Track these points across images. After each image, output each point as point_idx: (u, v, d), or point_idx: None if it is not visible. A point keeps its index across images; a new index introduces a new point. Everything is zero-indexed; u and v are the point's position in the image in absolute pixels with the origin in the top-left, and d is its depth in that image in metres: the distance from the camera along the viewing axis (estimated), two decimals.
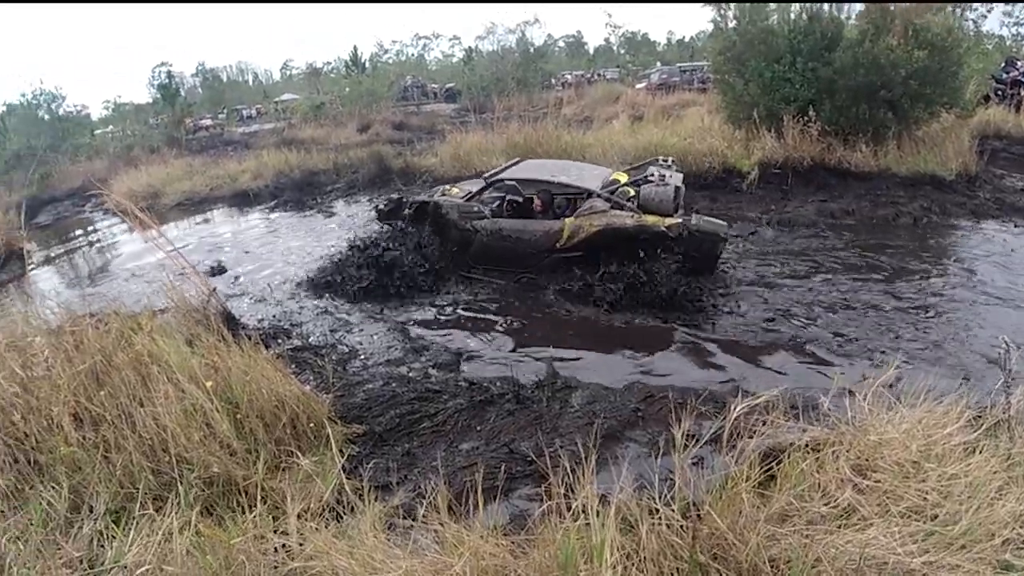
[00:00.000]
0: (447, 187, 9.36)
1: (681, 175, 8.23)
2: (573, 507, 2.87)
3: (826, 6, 12.04)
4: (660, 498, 2.97)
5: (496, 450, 4.24)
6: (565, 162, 10.44)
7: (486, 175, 8.81)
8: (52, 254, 14.16)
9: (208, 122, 43.45)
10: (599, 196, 7.65)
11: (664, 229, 7.16)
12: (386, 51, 67.45)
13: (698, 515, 2.94)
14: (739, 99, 12.04)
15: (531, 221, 8.00)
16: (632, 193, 7.62)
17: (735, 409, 3.15)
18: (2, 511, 3.59)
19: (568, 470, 3.03)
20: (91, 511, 3.50)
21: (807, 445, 3.42)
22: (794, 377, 5.08)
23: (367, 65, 47.69)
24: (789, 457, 3.30)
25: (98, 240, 14.99)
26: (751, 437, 3.43)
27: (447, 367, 5.69)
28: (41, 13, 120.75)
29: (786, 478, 3.17)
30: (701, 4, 13.42)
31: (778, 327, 6.13)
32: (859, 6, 12.40)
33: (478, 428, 4.54)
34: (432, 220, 8.30)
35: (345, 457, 4.10)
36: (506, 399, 4.81)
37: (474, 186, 8.74)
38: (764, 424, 3.57)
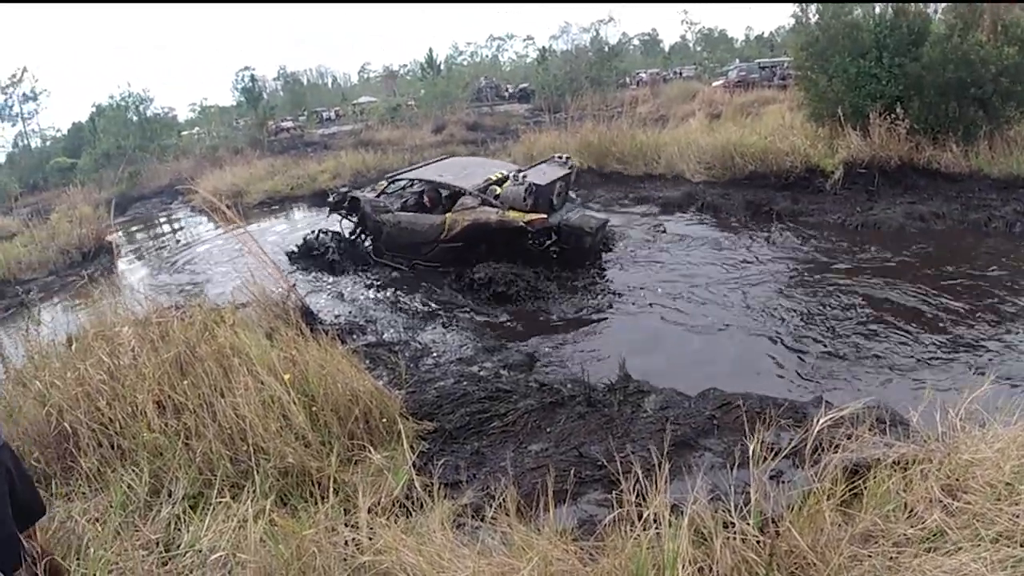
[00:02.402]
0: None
1: (568, 171, 9.25)
2: (644, 515, 2.80)
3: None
4: (736, 511, 2.87)
5: (565, 453, 4.18)
6: (481, 159, 11.99)
7: (388, 174, 10.54)
8: (139, 248, 14.81)
9: (289, 124, 44.68)
10: (470, 194, 8.58)
11: (523, 224, 8.05)
12: (461, 53, 68.26)
13: (776, 531, 2.83)
14: (822, 96, 11.58)
15: (423, 215, 9.00)
16: (498, 191, 8.53)
17: (818, 421, 3.03)
18: (84, 492, 3.76)
19: (640, 477, 2.97)
20: (170, 496, 3.63)
21: (894, 462, 3.25)
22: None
23: (442, 67, 48.27)
24: (875, 474, 3.13)
25: (183, 235, 15.61)
26: (834, 451, 3.28)
27: (519, 367, 5.66)
28: (128, 16, 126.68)
29: (871, 496, 3.02)
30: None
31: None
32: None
33: (548, 430, 4.49)
34: (357, 212, 9.69)
35: (416, 453, 4.13)
36: (577, 401, 4.74)
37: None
38: (849, 438, 3.41)
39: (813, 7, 12.36)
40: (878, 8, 11.54)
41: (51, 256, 14.18)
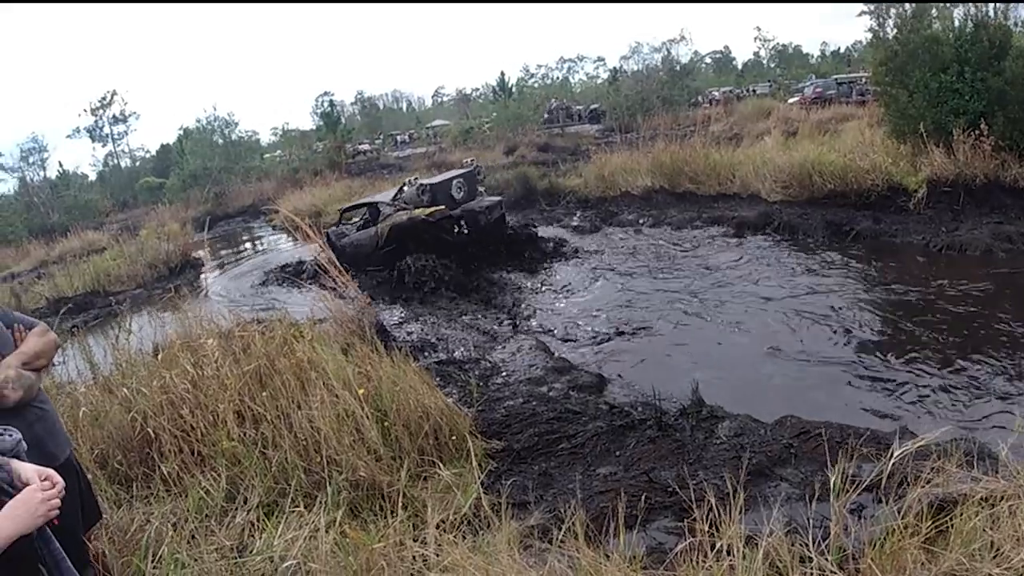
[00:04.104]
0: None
1: (468, 170, 11.61)
2: (717, 546, 2.72)
3: (991, 12, 11.05)
4: (814, 545, 2.76)
5: (635, 477, 4.10)
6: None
7: (342, 207, 13.00)
8: (224, 263, 15.40)
9: (366, 147, 46.04)
10: (386, 204, 10.60)
11: (425, 217, 9.72)
12: (532, 75, 68.91)
13: (856, 568, 2.71)
14: (903, 112, 11.14)
15: (365, 231, 10.88)
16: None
17: (896, 453, 2.90)
18: (163, 496, 3.89)
19: (713, 505, 2.89)
20: (245, 502, 3.70)
21: (982, 498, 3.07)
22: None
23: (514, 90, 48.87)
24: (961, 511, 2.97)
25: (264, 252, 16.15)
26: (919, 485, 3.13)
27: (588, 389, 5.60)
28: (215, 42, 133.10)
29: (957, 534, 2.85)
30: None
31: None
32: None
33: (617, 453, 4.42)
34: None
35: (484, 472, 4.13)
36: (647, 425, 4.65)
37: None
38: (933, 471, 3.25)
39: (891, 21, 12.00)
40: (957, 21, 11.15)
41: (139, 270, 14.94)
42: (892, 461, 2.98)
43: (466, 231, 10.01)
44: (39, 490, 1.79)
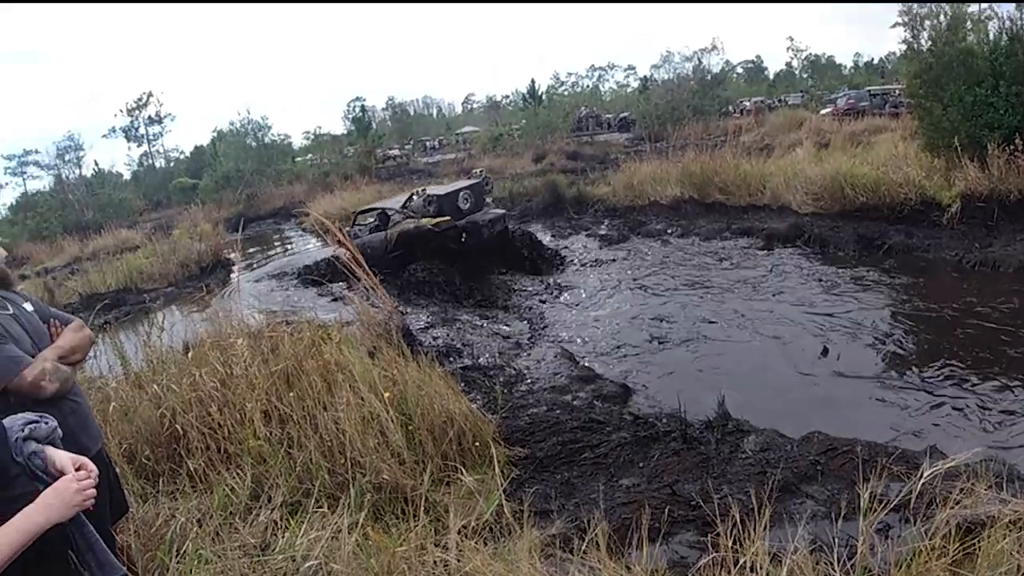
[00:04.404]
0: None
1: (475, 181, 11.98)
2: (740, 562, 2.70)
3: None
4: (839, 564, 2.72)
5: (658, 490, 4.06)
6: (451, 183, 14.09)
7: (357, 210, 13.57)
8: (254, 263, 15.59)
9: (395, 152, 46.40)
10: (396, 212, 10.93)
11: (432, 227, 10.10)
12: (562, 83, 69.01)
13: None
14: (937, 125, 10.94)
15: (376, 235, 11.00)
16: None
17: (925, 473, 2.85)
18: (188, 492, 3.94)
19: (737, 520, 2.86)
20: (269, 501, 3.74)
21: (1011, 521, 3.00)
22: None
23: (543, 97, 48.97)
24: (989, 533, 2.90)
25: (294, 254, 16.31)
26: (948, 506, 3.07)
27: (613, 399, 5.58)
28: (249, 45, 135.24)
29: (984, 557, 2.79)
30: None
31: None
32: None
33: (640, 464, 4.39)
34: None
35: (507, 479, 4.12)
36: (672, 437, 4.60)
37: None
38: (962, 492, 3.18)
39: (925, 33, 11.82)
40: (992, 35, 10.95)
41: (171, 268, 15.18)
42: (922, 481, 2.93)
43: (469, 240, 10.43)
44: (74, 480, 1.80)
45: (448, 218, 10.32)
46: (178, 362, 5.28)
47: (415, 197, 11.21)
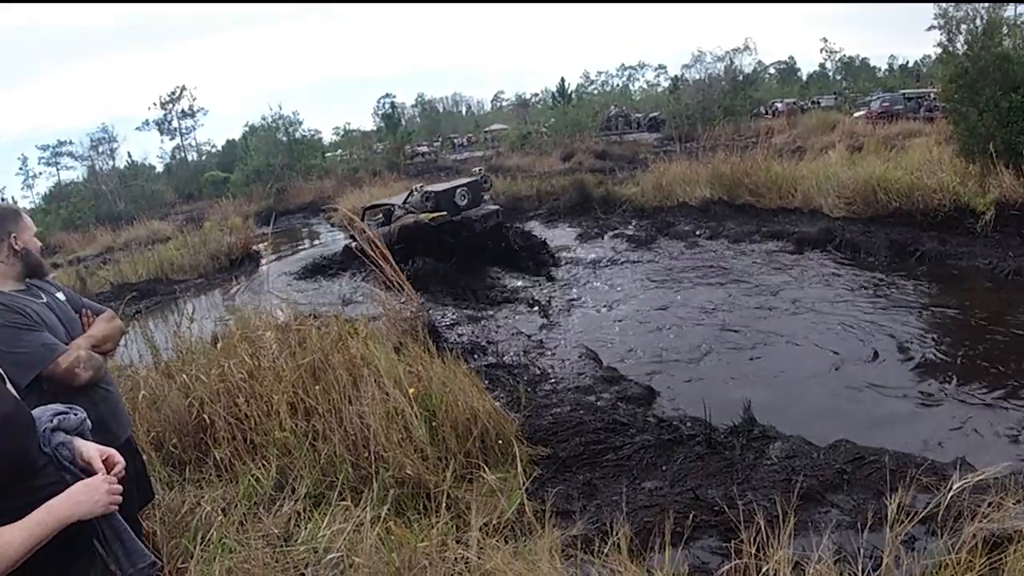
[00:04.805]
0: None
1: (473, 179, 12.51)
2: (763, 569, 2.67)
3: None
4: (863, 575, 2.69)
5: (681, 494, 4.03)
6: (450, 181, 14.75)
7: (365, 205, 14.33)
8: (282, 256, 15.75)
9: (424, 149, 46.62)
10: (398, 207, 11.57)
11: (428, 222, 10.49)
12: (592, 82, 68.79)
13: None
14: (972, 131, 10.69)
15: (382, 228, 11.30)
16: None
17: (953, 486, 2.80)
18: (214, 481, 3.99)
19: (761, 528, 2.83)
20: (292, 492, 3.76)
21: None
22: None
23: (573, 96, 48.86)
24: (1015, 548, 2.84)
25: (322, 247, 16.44)
26: (976, 520, 3.01)
27: (637, 400, 5.55)
28: (280, 42, 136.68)
29: (1011, 572, 2.74)
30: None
31: None
32: None
33: (663, 468, 4.36)
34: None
35: (529, 478, 4.11)
36: (696, 441, 4.56)
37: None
38: (991, 506, 3.12)
39: (961, 37, 11.58)
40: None
41: (202, 260, 15.38)
42: (950, 493, 2.88)
43: (464, 234, 10.92)
44: (106, 481, 1.81)
45: (444, 213, 10.78)
46: (207, 353, 5.35)
47: (415, 193, 11.79)
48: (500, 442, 4.34)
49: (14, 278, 2.56)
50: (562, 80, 49.67)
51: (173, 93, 56.02)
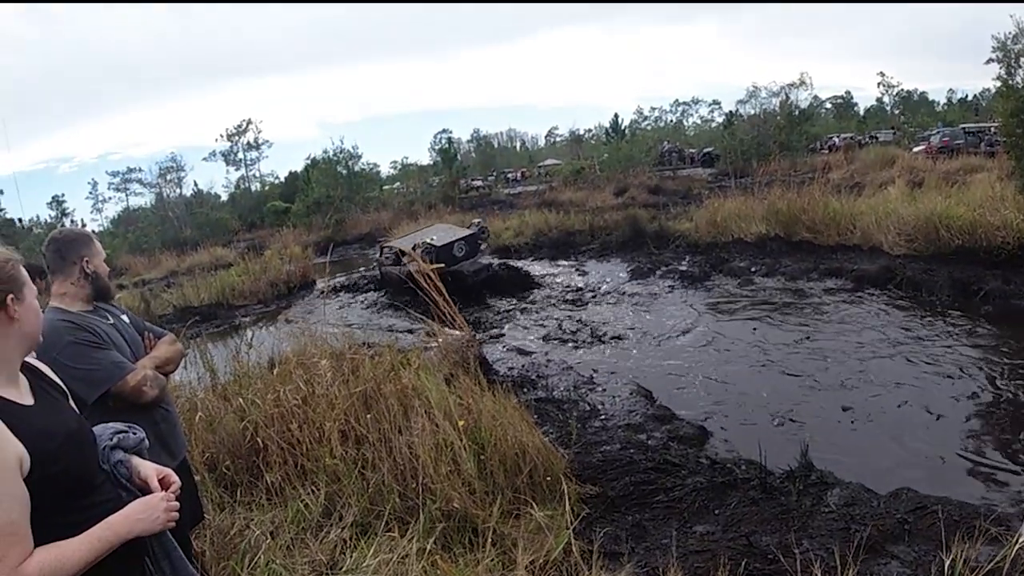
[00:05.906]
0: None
1: (471, 232, 14.51)
2: None
3: None
4: None
5: (733, 540, 3.90)
6: (447, 225, 16.48)
7: (382, 242, 16.06)
8: (338, 285, 16.05)
9: (479, 183, 47.30)
10: (406, 252, 11.71)
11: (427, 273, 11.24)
12: (645, 118, 68.83)
13: None
14: None
15: (395, 266, 13.37)
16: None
17: (1021, 539, 2.66)
18: (263, 504, 4.04)
19: None
20: (340, 519, 3.80)
21: None
22: None
23: (626, 131, 48.98)
24: None
25: (377, 278, 16.71)
26: None
27: (689, 440, 5.43)
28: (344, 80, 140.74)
29: None
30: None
31: None
32: None
33: (715, 511, 4.24)
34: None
35: (577, 517, 4.05)
36: (751, 485, 4.42)
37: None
38: None
39: (1021, 71, 11.23)
40: None
41: (262, 287, 15.82)
42: (1016, 546, 2.73)
43: (455, 286, 11.64)
44: (164, 499, 1.84)
45: (442, 265, 11.63)
46: (263, 377, 5.47)
47: (418, 245, 12.84)
48: (548, 479, 4.28)
49: (83, 300, 2.68)
50: (616, 116, 49.98)
51: (239, 126, 58.45)
